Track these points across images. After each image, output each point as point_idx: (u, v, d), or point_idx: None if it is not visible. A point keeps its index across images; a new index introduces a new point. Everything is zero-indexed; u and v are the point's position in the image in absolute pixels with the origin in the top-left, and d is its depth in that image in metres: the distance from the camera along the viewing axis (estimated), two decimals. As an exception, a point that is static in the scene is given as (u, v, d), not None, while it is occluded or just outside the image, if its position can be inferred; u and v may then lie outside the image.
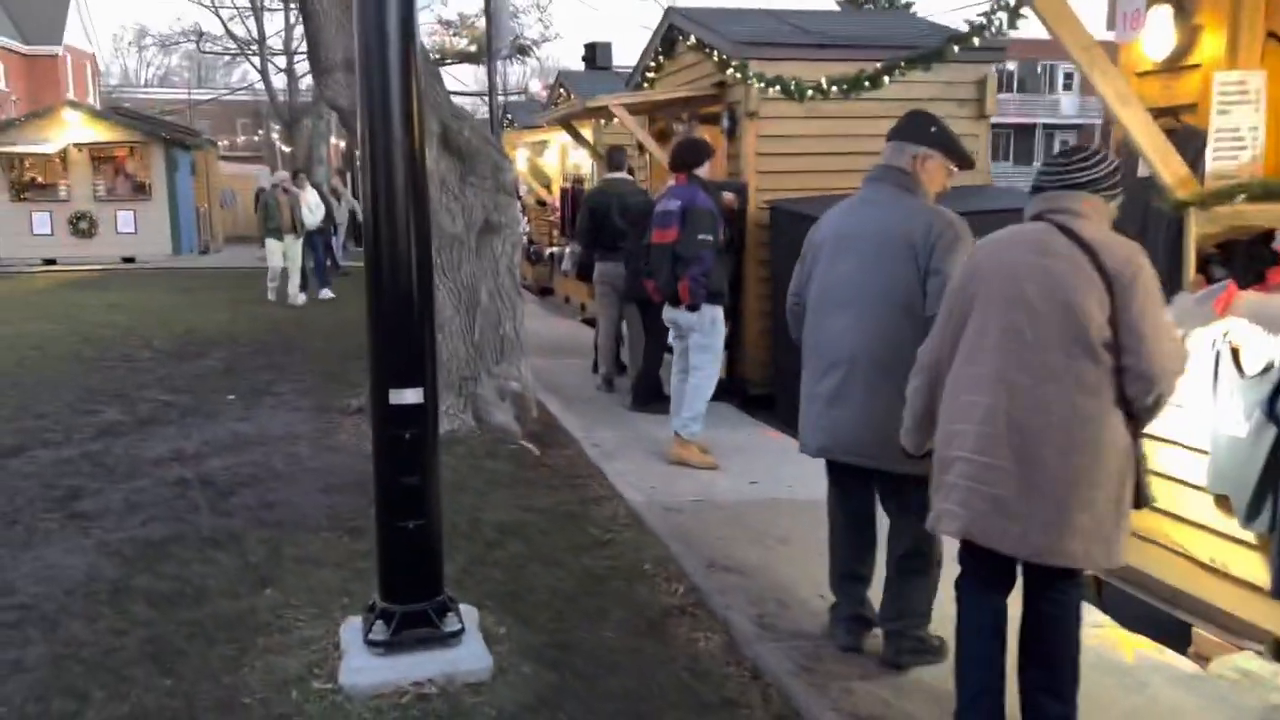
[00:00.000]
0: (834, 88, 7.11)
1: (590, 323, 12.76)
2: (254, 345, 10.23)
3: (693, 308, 5.80)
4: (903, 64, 6.40)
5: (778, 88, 7.31)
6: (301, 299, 13.55)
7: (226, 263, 21.48)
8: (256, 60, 19.38)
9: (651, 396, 7.44)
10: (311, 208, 13.43)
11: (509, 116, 19.47)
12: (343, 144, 27.20)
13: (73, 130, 20.66)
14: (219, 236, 26.78)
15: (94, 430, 6.64)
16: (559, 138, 14.26)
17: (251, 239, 28.30)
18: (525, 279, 17.88)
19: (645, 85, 10.13)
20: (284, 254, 13.18)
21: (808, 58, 7.75)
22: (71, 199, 20.99)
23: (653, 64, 9.85)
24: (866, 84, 6.98)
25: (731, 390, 7.92)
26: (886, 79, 7.08)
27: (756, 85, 7.37)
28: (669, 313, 6.01)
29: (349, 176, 18.70)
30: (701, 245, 5.75)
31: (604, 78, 15.55)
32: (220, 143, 29.44)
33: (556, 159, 15.84)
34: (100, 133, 21.02)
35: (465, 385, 6.38)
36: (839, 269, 3.47)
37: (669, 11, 9.46)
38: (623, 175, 8.15)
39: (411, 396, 3.35)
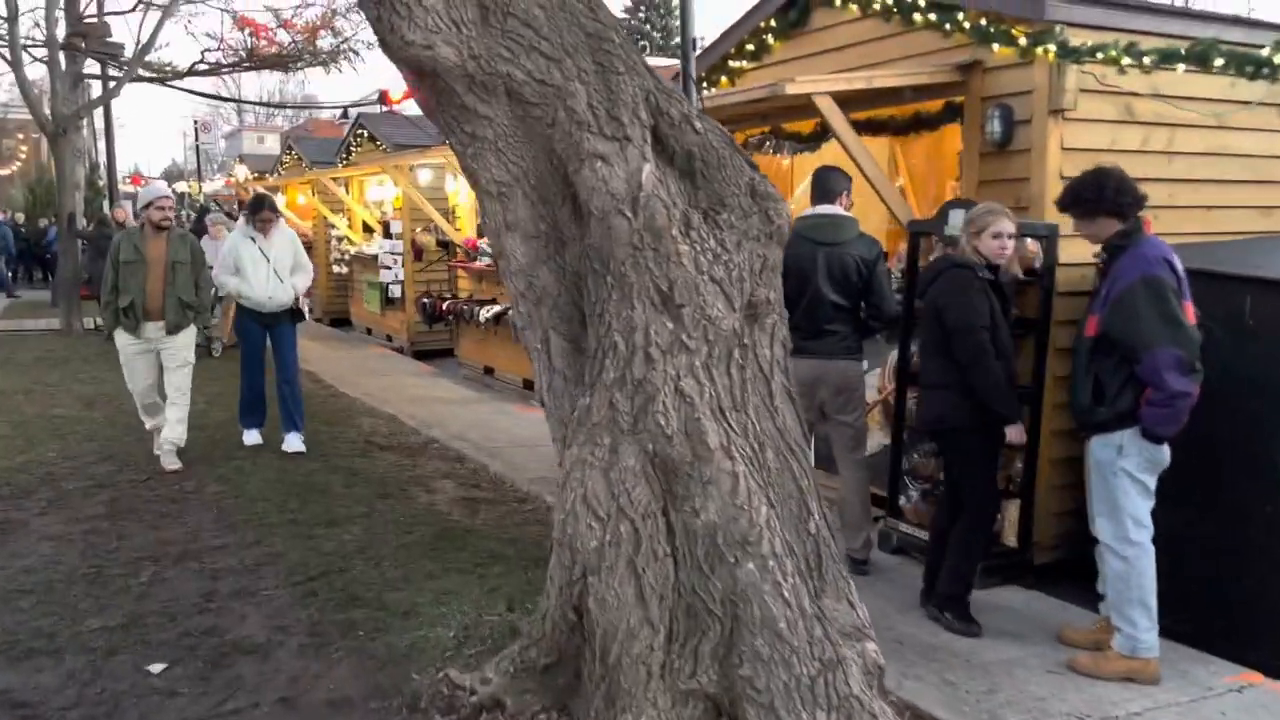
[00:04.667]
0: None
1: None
2: (100, 492, 5.95)
3: None
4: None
5: (1150, 62, 4.44)
6: (254, 432, 7.25)
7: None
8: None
9: (965, 606, 4.25)
10: (280, 267, 6.97)
11: (362, 130, 15.31)
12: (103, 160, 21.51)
13: None
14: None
15: None
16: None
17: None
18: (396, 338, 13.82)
19: (728, 82, 6.85)
20: (156, 357, 6.53)
21: (1157, 30, 4.85)
22: None
23: (749, 45, 6.60)
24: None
25: (1010, 558, 4.84)
26: None
27: (1114, 64, 4.42)
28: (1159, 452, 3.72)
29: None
30: None
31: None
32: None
33: (463, 189, 12.10)
34: None
35: (825, 674, 2.86)
36: None
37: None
38: (837, 211, 4.88)
39: None
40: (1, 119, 36.46)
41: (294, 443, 7.04)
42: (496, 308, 10.20)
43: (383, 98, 15.38)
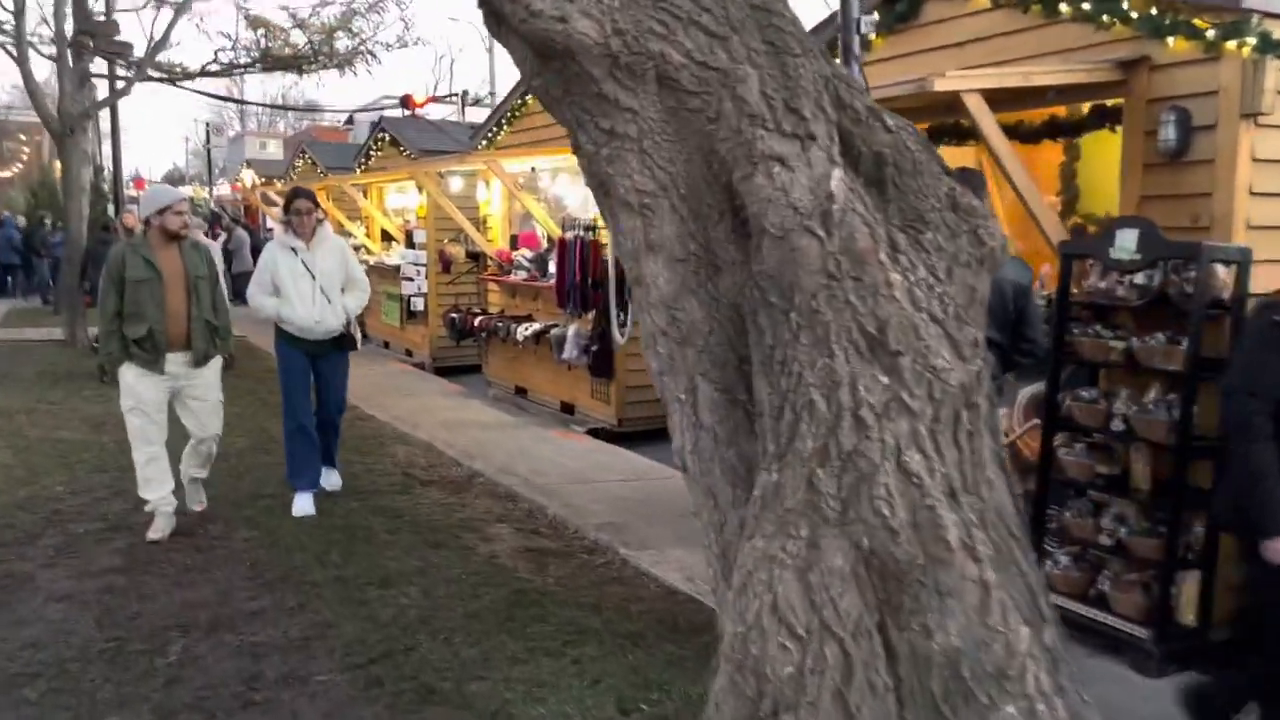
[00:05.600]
0: None
1: (605, 435, 8.52)
2: (114, 537, 5.23)
3: None
4: None
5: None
6: (306, 496, 5.84)
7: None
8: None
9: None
10: (328, 284, 5.83)
11: (383, 134, 14.59)
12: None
13: None
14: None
15: None
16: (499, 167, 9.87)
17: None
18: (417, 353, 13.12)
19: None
20: (169, 401, 5.35)
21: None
22: None
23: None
24: None
25: (1189, 641, 4.12)
26: None
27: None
28: None
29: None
30: None
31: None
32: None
33: (495, 198, 11.42)
34: None
35: None
36: None
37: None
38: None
39: None
40: (3, 120, 35.79)
41: (329, 479, 6.23)
42: (535, 325, 9.49)
43: (405, 102, 14.73)
